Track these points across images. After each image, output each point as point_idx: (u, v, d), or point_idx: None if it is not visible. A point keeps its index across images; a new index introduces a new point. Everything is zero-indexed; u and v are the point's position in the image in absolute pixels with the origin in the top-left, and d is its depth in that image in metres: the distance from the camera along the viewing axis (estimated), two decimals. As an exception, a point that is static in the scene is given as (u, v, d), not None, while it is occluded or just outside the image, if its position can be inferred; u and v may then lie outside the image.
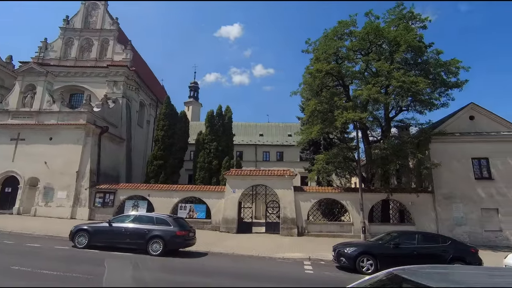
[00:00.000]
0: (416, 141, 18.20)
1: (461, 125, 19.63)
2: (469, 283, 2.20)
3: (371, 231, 17.41)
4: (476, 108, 19.91)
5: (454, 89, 18.29)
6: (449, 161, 18.71)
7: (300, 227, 18.86)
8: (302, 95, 21.72)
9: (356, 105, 17.89)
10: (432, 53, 18.62)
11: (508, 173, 18.57)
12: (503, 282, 2.26)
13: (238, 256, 12.02)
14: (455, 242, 11.13)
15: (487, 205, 18.36)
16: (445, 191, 18.74)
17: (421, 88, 15.87)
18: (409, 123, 20.05)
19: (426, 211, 18.73)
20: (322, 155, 19.67)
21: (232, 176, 20.19)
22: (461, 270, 3.15)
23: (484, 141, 19.14)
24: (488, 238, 17.82)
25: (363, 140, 20.31)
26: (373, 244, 11.18)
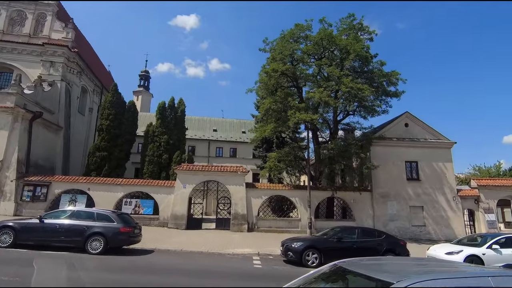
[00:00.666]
0: (359, 143, 19.72)
1: (397, 131, 21.78)
2: (399, 271, 2.44)
3: (316, 227, 18.39)
4: (410, 116, 22.26)
5: (393, 98, 20.18)
6: (386, 163, 20.61)
7: (251, 223, 19.12)
8: (257, 93, 21.99)
9: (308, 106, 18.68)
10: (377, 63, 20.25)
11: (433, 175, 21.16)
12: (426, 269, 2.56)
13: (186, 253, 11.73)
14: (388, 236, 12.31)
15: (414, 203, 20.69)
16: (381, 190, 20.62)
17: (366, 95, 17.26)
18: (354, 127, 21.62)
19: (365, 208, 20.42)
20: (274, 153, 20.17)
21: (183, 171, 19.60)
22: (392, 261, 3.48)
23: (415, 146, 21.51)
24: (414, 232, 20.09)
25: (313, 140, 21.33)
26: (318, 239, 11.82)
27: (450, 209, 20.73)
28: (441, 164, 21.36)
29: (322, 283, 2.88)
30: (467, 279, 2.17)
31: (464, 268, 2.71)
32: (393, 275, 2.28)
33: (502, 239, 11.59)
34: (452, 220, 20.57)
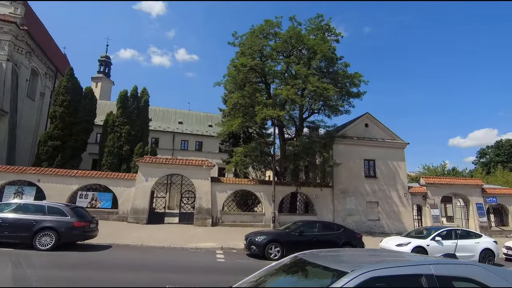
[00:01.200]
0: (323, 141, 20.50)
1: (358, 131, 22.95)
2: (354, 261, 2.59)
3: (280, 221, 18.83)
4: (370, 117, 23.56)
5: (356, 99, 21.18)
6: (347, 160, 21.65)
7: (215, 218, 19.03)
8: (225, 87, 21.79)
9: (276, 103, 18.95)
10: (341, 65, 20.99)
11: (388, 173, 22.67)
12: (377, 259, 2.76)
13: (147, 248, 11.37)
14: (346, 229, 12.98)
15: (371, 198, 22.03)
16: (342, 186, 21.65)
17: (331, 94, 17.93)
18: (319, 125, 22.39)
19: (326, 203, 21.31)
20: (241, 148, 20.21)
21: (145, 163, 18.87)
22: (348, 252, 3.68)
23: (374, 145, 22.84)
24: (369, 226, 21.42)
25: (279, 136, 21.73)
26: (281, 233, 12.11)
27: (401, 204, 22.39)
28: (395, 163, 22.94)
29: (283, 274, 2.97)
30: (412, 267, 2.39)
31: (410, 258, 2.97)
32: (348, 265, 2.42)
33: (443, 231, 12.78)
34: (403, 214, 22.24)
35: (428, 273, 2.32)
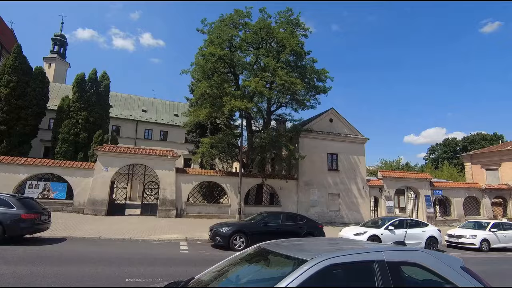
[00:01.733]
0: (289, 134, 20.92)
1: (323, 125, 23.74)
2: (313, 250, 2.71)
3: (245, 212, 19.03)
4: (334, 113, 24.46)
5: (322, 94, 21.81)
6: (312, 154, 22.35)
7: (179, 209, 18.70)
8: (193, 76, 21.20)
9: (244, 94, 18.89)
10: (309, 60, 21.41)
11: (349, 167, 23.84)
12: (336, 247, 2.92)
13: (106, 240, 10.87)
14: (308, 220, 13.49)
15: (332, 190, 23.06)
16: (306, 178, 22.36)
17: (299, 89, 18.27)
18: (286, 118, 22.80)
19: (291, 194, 21.91)
20: (208, 139, 19.95)
21: (105, 152, 17.88)
22: (310, 241, 3.83)
23: (337, 140, 23.82)
24: (330, 217, 22.46)
25: (247, 128, 21.77)
26: (246, 224, 12.25)
27: (360, 196, 23.74)
28: (356, 157, 24.18)
29: (246, 264, 3.02)
30: (366, 254, 2.56)
31: (366, 245, 3.17)
32: (308, 253, 2.53)
33: (396, 221, 13.83)
34: (361, 206, 23.61)
35: (380, 259, 2.49)
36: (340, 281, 2.54)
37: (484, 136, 51.39)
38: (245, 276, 2.85)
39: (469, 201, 27.01)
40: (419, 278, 2.76)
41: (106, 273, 6.74)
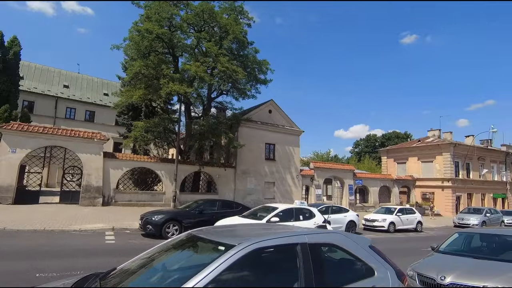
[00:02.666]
0: (229, 123, 20.87)
1: (262, 116, 24.33)
2: (242, 235, 2.84)
3: (181, 200, 18.54)
4: (273, 104, 25.24)
5: (262, 85, 22.17)
6: (250, 143, 22.77)
7: (107, 197, 17.27)
8: (126, 52, 19.36)
9: (183, 78, 18.07)
10: (252, 50, 21.41)
11: (285, 157, 25.03)
12: (266, 232, 3.05)
13: (12, 232, 9.44)
14: (244, 207, 13.81)
15: (268, 179, 23.99)
16: (244, 167, 22.77)
17: (240, 78, 18.23)
18: (226, 106, 22.65)
19: (229, 182, 22.09)
20: (142, 123, 18.67)
21: (13, 131, 15.34)
22: (241, 227, 3.91)
23: (275, 131, 24.71)
24: (266, 204, 23.36)
25: (186, 114, 21.00)
26: (180, 212, 11.99)
27: (293, 185, 25.22)
28: (291, 148, 25.49)
29: (175, 250, 2.96)
30: (291, 237, 2.73)
31: (294, 229, 3.37)
32: (236, 239, 2.59)
33: (322, 208, 15.08)
34: (294, 194, 25.11)
35: (303, 241, 2.69)
36: (266, 263, 2.67)
37: (397, 134, 59.20)
38: (173, 264, 2.80)
39: (383, 190, 31.00)
40: (336, 258, 3.06)
41: (11, 269, 5.87)
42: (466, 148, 33.85)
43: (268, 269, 2.65)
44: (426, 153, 34.14)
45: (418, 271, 4.93)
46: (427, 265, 5.10)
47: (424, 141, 36.39)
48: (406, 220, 17.82)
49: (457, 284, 4.36)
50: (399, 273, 3.07)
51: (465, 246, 5.93)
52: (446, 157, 32.14)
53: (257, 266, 2.55)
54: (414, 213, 18.74)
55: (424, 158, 34.13)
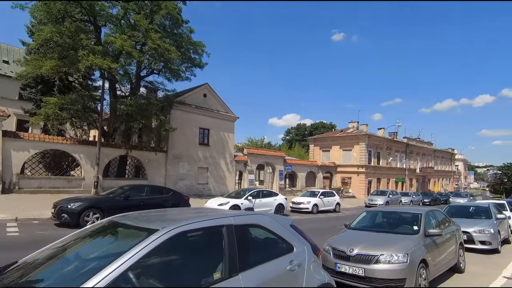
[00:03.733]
0: (161, 104, 19.63)
1: (197, 99, 23.62)
2: (168, 220, 2.80)
3: (104, 186, 17.00)
4: (209, 88, 24.71)
5: (197, 68, 21.30)
6: (183, 127, 22.00)
7: (8, 183, 14.76)
8: (33, 15, 16.19)
9: (107, 52, 16.17)
10: (186, 29, 20.22)
11: (219, 142, 24.96)
12: (193, 216, 3.03)
13: None
14: (175, 193, 13.40)
15: (202, 164, 23.68)
16: (176, 152, 21.95)
17: (173, 57, 17.11)
18: (158, 87, 21.21)
19: (159, 167, 21.06)
20: (55, 99, 16.20)
21: None
22: (168, 212, 3.81)
23: (209, 115, 24.33)
24: (198, 189, 23.12)
25: (110, 92, 19.01)
26: (102, 198, 11.02)
27: (227, 170, 25.44)
28: (226, 134, 25.52)
29: (92, 238, 2.75)
30: (217, 219, 2.77)
31: (220, 212, 3.41)
32: (160, 223, 2.49)
33: (254, 192, 15.65)
34: (228, 179, 25.38)
35: (229, 223, 2.75)
36: (193, 245, 2.69)
37: (324, 124, 64.46)
38: (90, 252, 2.56)
39: (309, 175, 33.65)
40: (261, 237, 3.22)
41: None
42: (378, 139, 38.89)
43: (194, 251, 2.67)
44: (346, 142, 38.09)
45: (332, 246, 5.53)
46: (340, 240, 5.75)
47: (346, 132, 40.48)
48: (327, 202, 19.76)
49: (362, 254, 5.05)
50: (314, 248, 3.40)
51: (371, 223, 6.86)
52: (362, 147, 36.40)
53: (183, 249, 2.55)
54: (334, 196, 20.89)
55: (344, 147, 38.04)
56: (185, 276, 2.36)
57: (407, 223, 6.19)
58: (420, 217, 6.02)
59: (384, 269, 4.80)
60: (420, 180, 47.88)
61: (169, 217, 3.18)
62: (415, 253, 5.01)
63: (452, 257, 6.33)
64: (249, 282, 2.56)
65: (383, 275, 4.78)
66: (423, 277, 5.03)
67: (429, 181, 50.20)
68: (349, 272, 5.05)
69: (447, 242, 6.19)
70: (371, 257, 4.96)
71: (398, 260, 4.81)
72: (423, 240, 5.46)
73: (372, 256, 4.96)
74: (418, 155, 48.12)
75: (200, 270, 2.48)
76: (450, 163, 61.37)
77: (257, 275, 2.68)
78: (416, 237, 5.48)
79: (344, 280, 5.13)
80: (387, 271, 4.77)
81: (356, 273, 4.96)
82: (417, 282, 4.84)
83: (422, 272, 5.02)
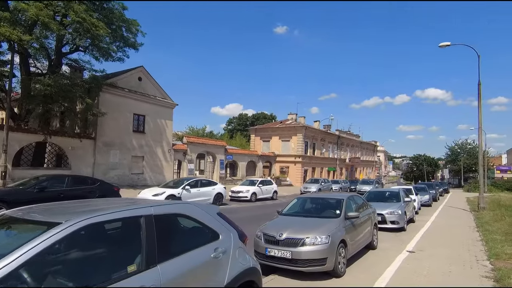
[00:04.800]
0: (87, 86, 17.55)
1: (131, 83, 21.85)
2: (75, 212, 2.51)
3: (15, 176, 14.73)
4: (144, 72, 23.04)
5: (131, 49, 19.49)
6: (115, 112, 20.20)
7: None
8: None
9: (17, 20, 13.71)
10: (118, 5, 18.30)
11: (156, 130, 23.64)
12: (111, 205, 2.75)
13: None
14: (103, 183, 12.30)
15: (137, 153, 22.18)
16: (107, 139, 20.09)
17: (101, 34, 15.32)
18: (84, 66, 18.84)
19: (86, 156, 19.04)
20: None
21: None
22: (82, 203, 3.39)
23: (145, 101, 22.79)
24: (133, 179, 21.66)
25: (21, 68, 16.31)
26: (10, 190, 9.64)
27: (165, 159, 24.33)
28: (164, 121, 24.27)
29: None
30: (134, 210, 2.56)
31: (141, 202, 3.16)
32: (64, 216, 2.24)
33: (192, 182, 15.30)
34: (165, 168, 24.31)
35: (148, 213, 2.58)
36: (105, 238, 2.50)
37: (265, 115, 66.05)
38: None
39: (250, 165, 34.27)
40: (186, 227, 3.11)
41: None
42: (313, 131, 41.48)
43: (107, 245, 2.49)
44: (285, 133, 39.74)
45: (263, 232, 5.71)
46: (271, 226, 5.98)
47: (285, 123, 42.18)
48: (265, 190, 20.43)
49: (290, 238, 5.32)
50: (241, 235, 3.43)
51: (300, 209, 7.27)
52: (299, 138, 38.41)
53: (93, 243, 2.36)
54: (271, 184, 21.70)
55: (284, 137, 39.66)
56: (93, 271, 2.18)
57: (331, 208, 6.72)
58: (342, 202, 6.58)
59: (308, 250, 5.14)
60: (349, 169, 52.82)
61: (79, 209, 2.85)
62: (336, 234, 5.47)
63: (368, 236, 7.11)
64: (169, 273, 2.48)
65: (307, 256, 5.13)
66: (342, 255, 5.55)
67: (356, 169, 55.68)
68: (278, 256, 5.29)
69: (364, 224, 6.92)
70: (298, 240, 5.26)
71: (321, 241, 5.19)
72: (343, 222, 5.99)
73: (299, 239, 5.26)
74: (348, 147, 52.84)
75: (112, 264, 2.30)
76: (373, 154, 68.95)
77: (179, 264, 2.61)
78: (338, 220, 5.99)
79: (273, 263, 5.38)
80: (311, 252, 5.13)
81: (284, 256, 5.22)
82: (337, 260, 5.31)
83: (341, 251, 5.53)
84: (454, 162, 61.86)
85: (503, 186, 38.82)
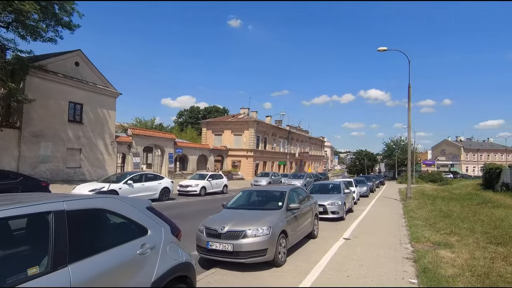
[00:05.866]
0: (10, 67, 15.27)
1: (66, 68, 19.70)
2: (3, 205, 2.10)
3: None
4: (82, 56, 20.92)
5: (66, 29, 17.40)
6: (46, 99, 18.09)
7: None
8: None
9: None
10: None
11: (96, 120, 21.74)
12: (9, 201, 2.37)
13: None
14: (27, 178, 11.04)
15: (72, 145, 20.17)
16: (35, 129, 17.90)
17: (28, 9, 13.40)
18: (6, 45, 16.34)
19: (9, 147, 16.76)
20: None
21: None
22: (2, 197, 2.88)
23: (83, 88, 20.77)
24: (68, 174, 19.69)
25: None
26: None
27: (106, 152, 22.55)
28: (105, 111, 22.42)
29: None
30: (40, 205, 2.23)
31: (51, 197, 2.77)
32: None
33: (136, 176, 14.44)
34: (107, 162, 22.54)
35: (59, 209, 2.28)
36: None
37: (217, 108, 65.28)
38: None
39: (201, 158, 33.59)
40: (108, 222, 2.84)
41: None
42: (265, 125, 42.15)
43: (5, 244, 2.12)
44: (237, 127, 39.72)
45: (206, 225, 5.58)
46: (214, 219, 5.86)
47: (237, 117, 42.13)
48: (216, 184, 20.19)
49: (232, 230, 5.28)
50: (174, 229, 3.26)
51: (245, 201, 7.28)
52: (251, 132, 38.73)
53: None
54: (222, 178, 21.52)
55: (236, 131, 39.62)
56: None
57: (275, 200, 6.84)
58: (285, 194, 6.75)
59: (249, 242, 5.15)
60: (299, 163, 55.00)
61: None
62: (277, 225, 5.58)
63: (309, 226, 7.42)
64: (83, 273, 2.23)
65: (248, 247, 5.13)
66: (283, 245, 5.68)
67: (305, 164, 58.23)
68: (219, 249, 5.21)
69: (305, 215, 7.19)
70: (239, 232, 5.24)
71: (263, 233, 5.24)
72: (285, 213, 6.14)
73: (240, 232, 5.24)
74: (297, 141, 54.91)
75: (9, 267, 1.97)
76: (321, 149, 72.80)
77: (97, 263, 2.36)
78: (279, 212, 6.12)
79: (214, 257, 5.29)
80: (252, 243, 5.14)
81: (226, 249, 5.16)
82: (277, 250, 5.42)
83: (282, 241, 5.65)
84: (389, 157, 68.27)
85: (428, 178, 44.14)
